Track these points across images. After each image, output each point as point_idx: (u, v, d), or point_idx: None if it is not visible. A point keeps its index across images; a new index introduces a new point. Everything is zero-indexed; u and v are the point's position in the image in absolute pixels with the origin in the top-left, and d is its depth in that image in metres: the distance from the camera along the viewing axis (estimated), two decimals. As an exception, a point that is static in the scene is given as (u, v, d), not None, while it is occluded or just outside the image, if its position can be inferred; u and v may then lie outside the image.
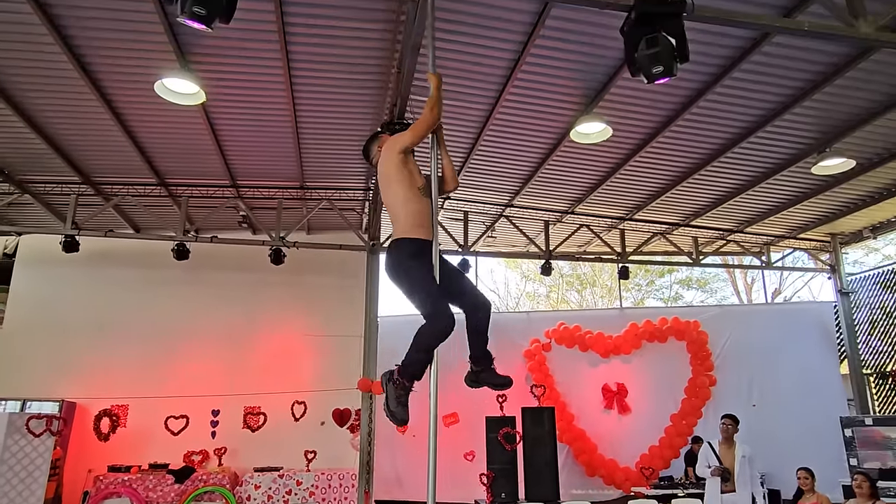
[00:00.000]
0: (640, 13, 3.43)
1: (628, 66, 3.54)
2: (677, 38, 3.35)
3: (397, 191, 2.91)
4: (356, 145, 7.41)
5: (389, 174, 2.95)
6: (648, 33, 3.40)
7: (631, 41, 3.51)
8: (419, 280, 2.79)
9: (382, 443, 9.10)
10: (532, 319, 11.03)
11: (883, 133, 6.54)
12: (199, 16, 2.94)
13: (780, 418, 9.29)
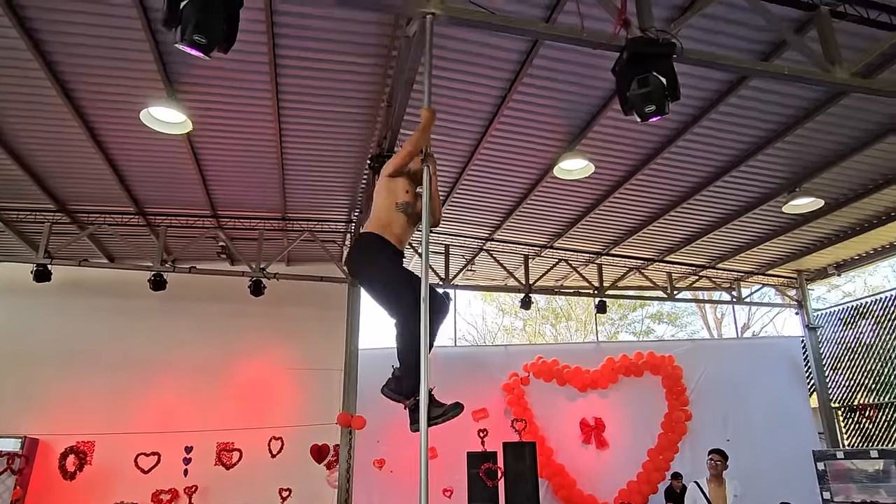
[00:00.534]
0: (632, 54, 3.49)
1: (621, 104, 3.58)
2: (668, 77, 3.41)
3: (378, 202, 3.14)
4: (340, 177, 7.38)
5: (377, 191, 3.21)
6: (640, 73, 3.46)
7: (623, 81, 3.57)
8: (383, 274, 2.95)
9: (360, 479, 8.77)
10: (510, 353, 10.94)
11: (850, 174, 6.78)
12: (199, 44, 2.87)
13: (754, 453, 9.27)
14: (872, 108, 5.67)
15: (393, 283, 2.88)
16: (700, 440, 9.61)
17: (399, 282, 2.85)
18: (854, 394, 9.74)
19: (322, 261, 9.50)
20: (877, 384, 9.52)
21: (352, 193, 7.81)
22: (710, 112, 5.74)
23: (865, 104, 5.58)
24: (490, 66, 5.28)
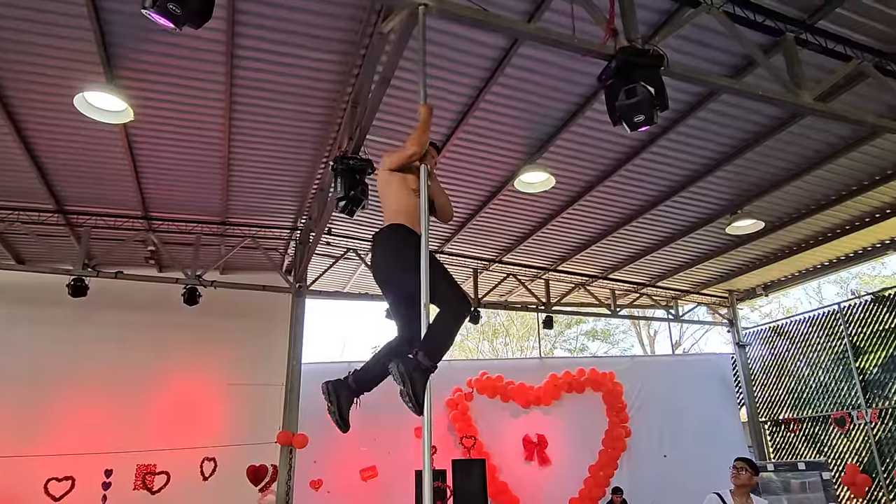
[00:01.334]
0: (621, 63, 3.46)
1: (609, 114, 3.54)
2: (656, 88, 3.40)
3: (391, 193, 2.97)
4: (291, 180, 6.99)
5: (385, 184, 3.03)
6: (628, 83, 3.43)
7: (611, 91, 3.53)
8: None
9: (296, 502, 8.26)
10: (454, 368, 10.73)
11: (790, 197, 7.15)
12: (172, 14, 2.55)
13: (689, 467, 9.52)
14: (814, 136, 6.01)
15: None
16: (638, 456, 9.80)
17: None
18: (780, 408, 10.24)
19: (261, 269, 9.00)
20: (795, 400, 10.07)
21: (300, 199, 7.43)
22: (668, 132, 5.88)
23: (807, 131, 5.90)
24: (459, 71, 5.15)
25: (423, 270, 2.54)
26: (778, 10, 4.37)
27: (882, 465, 8.47)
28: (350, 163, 4.82)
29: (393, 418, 9.52)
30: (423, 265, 2.56)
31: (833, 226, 7.98)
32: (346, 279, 10.21)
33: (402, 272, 2.71)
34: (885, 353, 8.77)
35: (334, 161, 4.88)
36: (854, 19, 4.48)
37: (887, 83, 4.63)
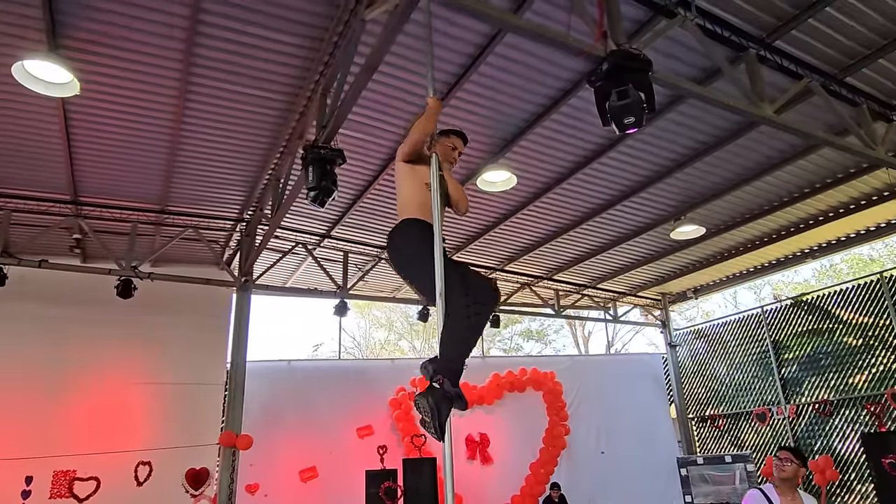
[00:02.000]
0: (611, 65, 3.54)
1: (600, 115, 3.61)
2: (645, 91, 3.50)
3: (406, 187, 2.91)
4: (239, 170, 6.67)
5: (400, 177, 2.96)
6: (619, 86, 3.53)
7: (601, 92, 3.61)
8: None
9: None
10: (397, 367, 10.68)
11: (729, 205, 7.62)
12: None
13: (625, 462, 9.95)
14: (756, 149, 6.43)
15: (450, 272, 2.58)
16: (577, 453, 10.10)
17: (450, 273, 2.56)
18: (707, 406, 10.88)
19: (197, 262, 8.55)
20: (720, 397, 10.74)
21: (249, 189, 7.10)
22: (626, 139, 6.10)
23: (752, 144, 6.30)
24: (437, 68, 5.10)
25: (437, 264, 2.48)
26: (741, 28, 4.64)
27: (798, 456, 9.18)
28: (322, 152, 4.66)
29: (334, 419, 9.42)
30: (437, 258, 2.50)
31: (762, 234, 8.59)
32: (289, 275, 9.88)
33: (421, 267, 2.61)
34: (803, 352, 9.53)
35: (305, 150, 4.69)
36: (807, 41, 4.85)
37: (830, 102, 5.03)
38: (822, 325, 9.42)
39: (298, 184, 5.52)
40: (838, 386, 8.97)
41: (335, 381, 9.82)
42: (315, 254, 8.45)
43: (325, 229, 8.26)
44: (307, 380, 9.63)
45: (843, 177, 6.88)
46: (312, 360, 13.39)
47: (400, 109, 5.61)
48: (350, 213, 7.74)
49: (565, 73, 5.23)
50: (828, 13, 4.57)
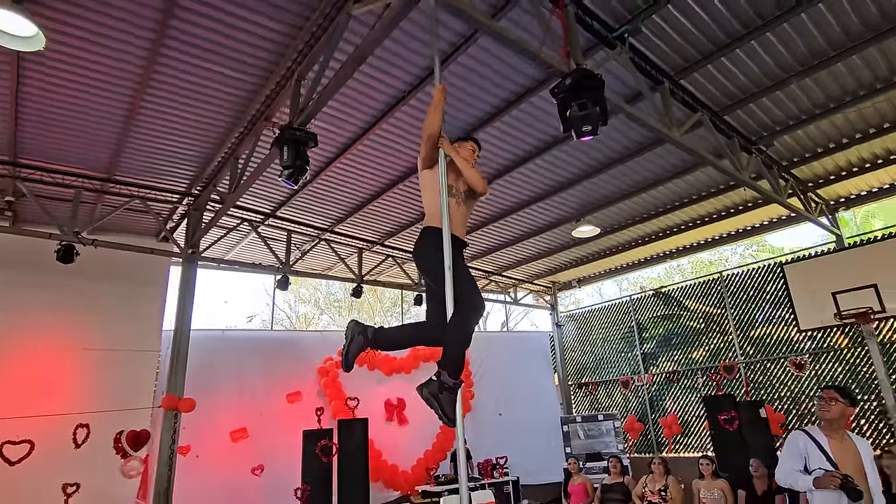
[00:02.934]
0: (574, 81, 3.63)
1: (562, 122, 3.68)
2: (600, 106, 3.63)
3: (427, 197, 2.85)
4: (196, 145, 6.03)
5: (423, 188, 2.90)
6: (578, 99, 3.62)
7: (562, 104, 3.68)
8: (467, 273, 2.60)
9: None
10: (326, 338, 10.29)
11: (623, 210, 8.12)
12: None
13: (518, 422, 10.37)
14: (649, 167, 6.92)
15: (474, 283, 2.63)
16: (480, 414, 10.34)
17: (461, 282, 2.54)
18: (581, 375, 11.59)
19: (137, 233, 7.71)
20: (594, 368, 11.51)
21: (202, 165, 6.45)
22: (551, 148, 6.31)
23: (648, 160, 6.76)
24: (399, 66, 4.95)
25: (446, 266, 2.41)
26: (658, 64, 4.96)
27: (651, 414, 10.09)
28: (297, 134, 4.34)
29: (265, 385, 8.92)
30: (446, 259, 2.43)
31: (643, 235, 9.27)
32: (227, 250, 9.15)
33: (430, 274, 2.62)
34: (658, 333, 10.45)
35: (281, 130, 4.34)
36: (703, 83, 5.28)
37: (714, 133, 5.53)
38: (674, 311, 10.38)
39: (265, 162, 5.11)
40: (683, 359, 9.95)
41: (267, 350, 9.31)
42: (259, 231, 7.89)
43: (271, 209, 7.74)
44: (240, 349, 9.05)
45: (714, 192, 7.58)
46: (246, 331, 12.56)
47: (356, 101, 5.36)
48: (297, 196, 7.33)
49: (511, 85, 5.30)
50: (721, 62, 5.02)
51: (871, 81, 5.38)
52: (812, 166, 7.08)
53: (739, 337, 9.08)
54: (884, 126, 6.18)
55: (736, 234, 9.04)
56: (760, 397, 8.38)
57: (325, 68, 4.23)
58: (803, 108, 5.78)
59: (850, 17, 4.53)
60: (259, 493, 8.31)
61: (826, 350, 8.11)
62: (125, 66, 4.68)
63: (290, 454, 8.46)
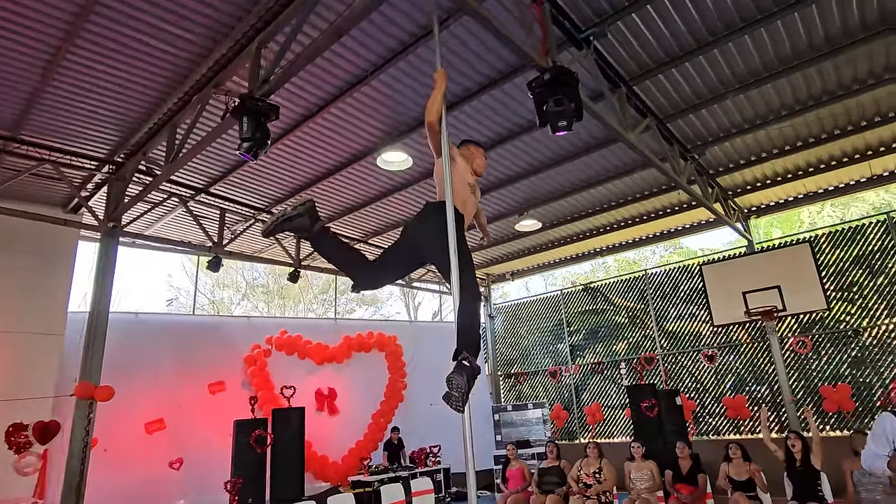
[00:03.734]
0: (552, 77, 3.77)
1: (538, 117, 3.80)
2: (575, 102, 3.79)
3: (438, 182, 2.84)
4: (120, 107, 5.47)
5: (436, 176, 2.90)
6: (555, 95, 3.77)
7: (540, 98, 3.81)
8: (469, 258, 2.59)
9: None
10: (253, 325, 9.89)
11: (564, 206, 8.49)
12: None
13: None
14: (594, 166, 7.31)
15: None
16: (413, 405, 10.41)
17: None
18: (511, 365, 12.02)
19: (40, 201, 6.95)
20: (524, 359, 11.99)
21: (130, 130, 5.91)
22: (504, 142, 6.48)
23: (595, 159, 7.12)
24: (365, 45, 4.83)
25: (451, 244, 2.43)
26: (617, 69, 5.26)
27: (577, 404, 10.71)
28: (259, 105, 4.13)
29: (185, 374, 8.41)
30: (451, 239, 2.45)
31: (577, 233, 9.76)
32: (147, 225, 8.47)
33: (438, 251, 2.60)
34: (585, 326, 11.08)
35: (242, 99, 4.10)
36: (653, 91, 5.67)
37: (659, 138, 5.96)
38: (600, 306, 11.06)
39: (213, 133, 4.80)
40: (606, 351, 10.65)
41: (188, 336, 8.78)
42: (190, 207, 7.39)
43: (204, 184, 7.27)
44: (156, 334, 8.47)
45: (651, 193, 8.14)
46: (164, 315, 11.64)
47: (313, 76, 5.15)
48: (235, 173, 6.94)
49: (477, 76, 5.37)
50: (671, 73, 5.42)
51: (792, 103, 6.05)
52: (734, 176, 7.83)
53: (658, 331, 9.88)
54: (797, 145, 6.98)
55: (664, 234, 9.79)
56: (676, 386, 9.18)
57: (293, 39, 4.05)
58: (734, 122, 6.39)
59: (784, 44, 5.07)
60: (178, 488, 7.85)
61: (728, 345, 9.05)
62: (55, 12, 4.19)
63: (215, 446, 8.08)
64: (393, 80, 5.33)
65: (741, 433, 8.66)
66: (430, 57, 5.03)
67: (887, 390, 7.47)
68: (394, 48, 4.92)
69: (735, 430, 8.75)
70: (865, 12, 4.71)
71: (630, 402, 8.52)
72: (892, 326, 7.67)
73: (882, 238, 7.92)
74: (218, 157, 6.59)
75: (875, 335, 7.77)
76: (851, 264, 8.13)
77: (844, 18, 4.77)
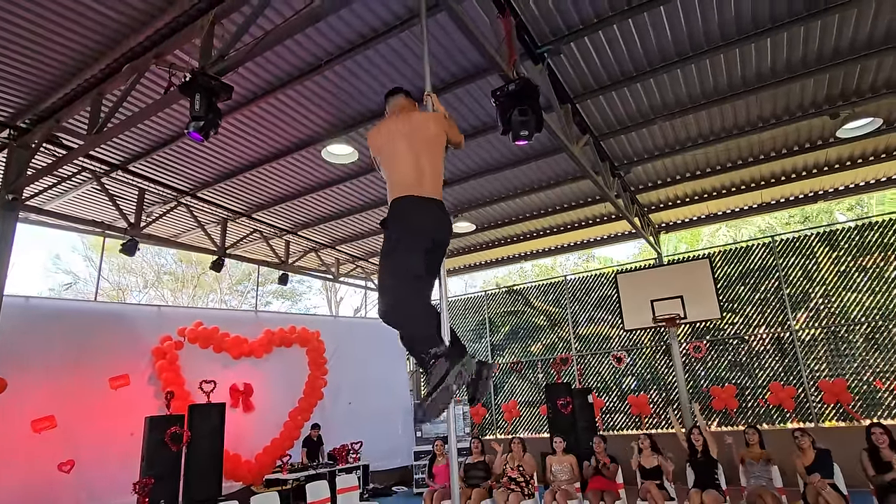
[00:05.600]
0: (518, 88, 3.93)
1: (502, 124, 3.95)
2: (537, 115, 3.99)
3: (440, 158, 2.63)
4: (37, 67, 4.88)
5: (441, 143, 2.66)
6: (519, 105, 3.94)
7: (504, 106, 3.96)
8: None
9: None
10: (164, 314, 9.17)
11: (496, 211, 8.77)
12: None
13: (368, 410, 10.50)
14: (530, 175, 7.64)
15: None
16: (331, 403, 10.21)
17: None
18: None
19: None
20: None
21: (41, 94, 5.27)
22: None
23: (528, 170, 7.46)
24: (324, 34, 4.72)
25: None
26: (563, 86, 5.56)
27: (495, 400, 11.10)
28: (212, 83, 3.89)
29: (83, 366, 7.65)
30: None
31: (502, 238, 10.13)
32: (47, 200, 7.59)
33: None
34: (508, 327, 11.52)
35: (194, 74, 3.84)
36: (591, 109, 6.06)
37: (594, 153, 6.38)
38: (521, 308, 11.55)
39: (153, 107, 4.44)
40: (525, 352, 11.15)
41: (89, 325, 7.97)
42: (105, 184, 6.73)
43: (122, 160, 6.66)
44: (49, 321, 7.61)
45: (580, 204, 8.64)
46: (61, 300, 10.35)
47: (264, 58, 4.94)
48: (160, 151, 6.42)
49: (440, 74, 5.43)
50: (611, 95, 5.83)
51: (707, 133, 6.75)
52: (650, 195, 8.55)
53: (574, 334, 10.52)
54: (706, 170, 7.78)
55: (585, 243, 10.44)
56: (588, 385, 9.83)
57: (259, 14, 3.87)
58: (658, 145, 6.99)
59: (710, 80, 5.65)
60: (67, 493, 7.12)
61: (634, 348, 9.87)
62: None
63: (115, 446, 7.45)
64: (347, 73, 5.24)
65: (643, 429, 9.47)
66: (387, 53, 5.02)
67: (763, 392, 8.56)
68: (353, 40, 4.84)
69: (636, 426, 9.55)
70: (777, 61, 5.39)
71: (547, 399, 8.99)
72: (766, 336, 8.79)
73: (764, 258, 9.05)
74: (141, 132, 6.07)
75: (751, 344, 8.86)
76: (737, 280, 9.19)
77: (759, 64, 5.42)
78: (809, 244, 8.70)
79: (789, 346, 8.53)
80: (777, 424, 8.41)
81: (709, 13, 4.71)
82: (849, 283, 8.29)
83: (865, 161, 7.64)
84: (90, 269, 14.10)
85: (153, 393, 8.38)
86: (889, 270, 8.04)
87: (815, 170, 7.87)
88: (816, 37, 5.06)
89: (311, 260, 10.19)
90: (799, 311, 8.61)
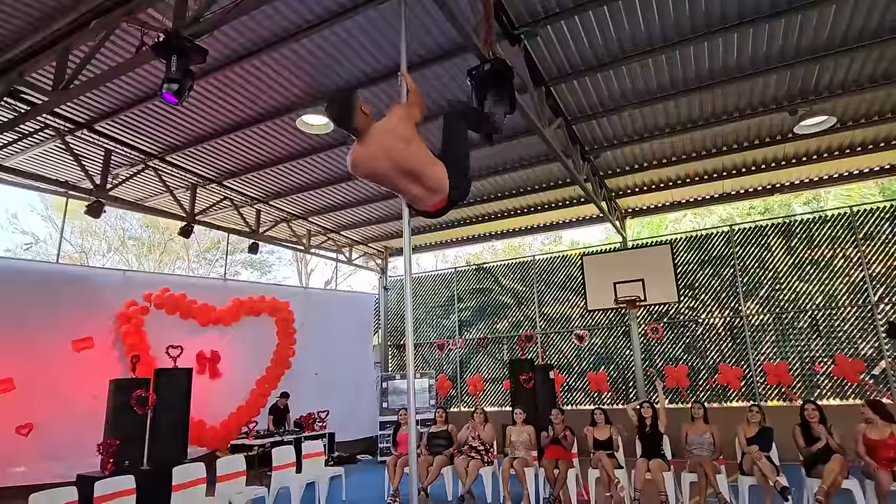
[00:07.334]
0: (494, 69, 4.01)
1: (478, 104, 4.02)
2: (510, 96, 4.08)
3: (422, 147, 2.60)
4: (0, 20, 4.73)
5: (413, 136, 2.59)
6: (494, 86, 4.02)
7: (480, 86, 4.04)
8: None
9: None
10: (130, 279, 9.06)
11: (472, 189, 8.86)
12: None
13: (337, 379, 10.63)
14: (502, 153, 7.75)
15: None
16: (298, 373, 10.27)
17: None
18: (401, 337, 12.34)
19: None
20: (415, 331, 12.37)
21: (2, 45, 5.10)
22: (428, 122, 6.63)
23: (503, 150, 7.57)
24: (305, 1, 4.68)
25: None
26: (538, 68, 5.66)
27: (461, 374, 11.38)
28: (187, 45, 3.85)
29: (44, 326, 7.54)
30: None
31: (473, 216, 10.26)
32: (9, 156, 7.34)
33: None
34: (474, 304, 11.75)
35: (168, 34, 3.78)
36: (565, 93, 6.18)
37: (565, 136, 6.52)
38: (488, 286, 11.78)
39: (125, 66, 4.36)
40: (491, 329, 11.42)
41: (51, 287, 7.83)
42: (69, 143, 6.55)
43: (87, 119, 6.47)
44: (9, 282, 7.47)
45: (549, 186, 8.82)
46: (21, 260, 10.00)
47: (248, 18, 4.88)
48: (129, 111, 6.27)
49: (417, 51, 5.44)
50: (584, 80, 5.96)
51: (675, 122, 6.97)
52: (618, 180, 8.80)
53: (539, 312, 10.82)
54: (672, 159, 8.04)
55: (553, 224, 10.68)
56: (550, 362, 10.18)
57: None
58: (628, 132, 7.18)
59: (679, 69, 5.82)
60: (27, 454, 7.10)
61: (595, 327, 10.24)
62: None
63: (78, 408, 7.42)
64: (325, 43, 5.21)
65: (600, 404, 9.91)
66: (366, 25, 5.01)
67: (713, 373, 9.04)
68: (332, 9, 4.81)
69: (594, 402, 9.97)
70: (742, 56, 5.59)
71: (510, 374, 9.29)
72: (718, 321, 9.25)
73: (723, 247, 9.45)
74: (109, 91, 5.91)
75: (705, 327, 9.31)
76: (696, 266, 9.59)
77: (725, 58, 5.62)
78: (766, 235, 9.13)
79: (739, 330, 9.00)
80: (723, 403, 8.93)
81: (680, 5, 4.85)
82: (801, 273, 8.76)
83: (820, 157, 8.02)
84: (50, 230, 13.69)
85: (117, 358, 8.33)
86: (836, 262, 8.53)
87: (773, 163, 8.22)
88: (779, 35, 5.28)
89: (283, 230, 10.13)
90: (751, 299, 9.07)
